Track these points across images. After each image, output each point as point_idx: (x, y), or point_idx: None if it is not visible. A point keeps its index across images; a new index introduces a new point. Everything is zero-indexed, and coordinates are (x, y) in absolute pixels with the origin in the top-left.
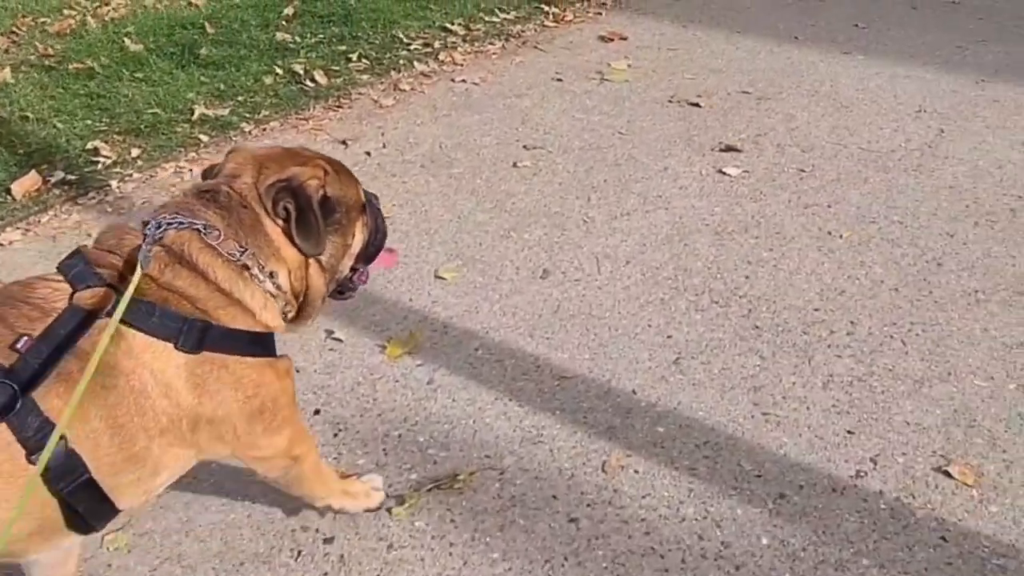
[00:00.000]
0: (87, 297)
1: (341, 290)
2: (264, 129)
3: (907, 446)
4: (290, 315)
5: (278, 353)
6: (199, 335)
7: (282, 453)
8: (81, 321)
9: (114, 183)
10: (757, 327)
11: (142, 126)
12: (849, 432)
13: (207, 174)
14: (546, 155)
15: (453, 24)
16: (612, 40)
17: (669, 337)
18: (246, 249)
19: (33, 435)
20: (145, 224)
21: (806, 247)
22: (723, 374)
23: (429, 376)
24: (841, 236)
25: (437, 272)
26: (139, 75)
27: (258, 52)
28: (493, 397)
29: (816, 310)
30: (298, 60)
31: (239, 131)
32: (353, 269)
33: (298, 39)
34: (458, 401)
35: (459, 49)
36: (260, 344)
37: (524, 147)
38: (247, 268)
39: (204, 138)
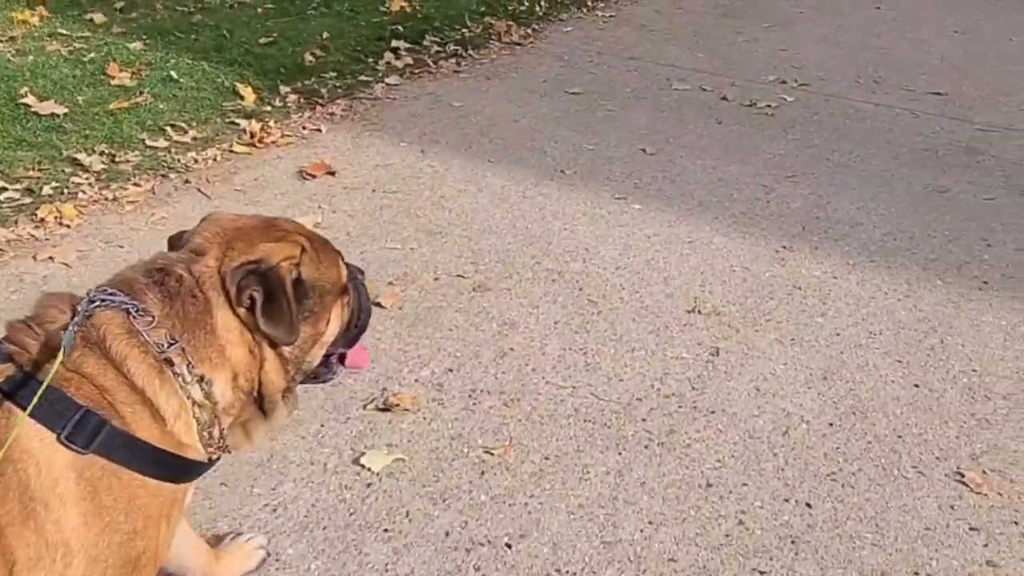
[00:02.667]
0: None
1: (316, 376)
2: None
3: None
4: (217, 435)
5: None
6: (92, 430)
7: None
8: None
9: None
10: None
11: None
12: None
13: (174, 242)
14: None
15: (92, 154)
16: (315, 176)
17: None
18: (175, 342)
19: None
20: (87, 293)
21: None
22: None
23: None
24: None
25: None
26: None
27: None
28: None
29: None
30: None
31: None
32: (329, 354)
33: None
34: None
35: (81, 196)
36: (164, 466)
37: None
38: (171, 364)
39: None
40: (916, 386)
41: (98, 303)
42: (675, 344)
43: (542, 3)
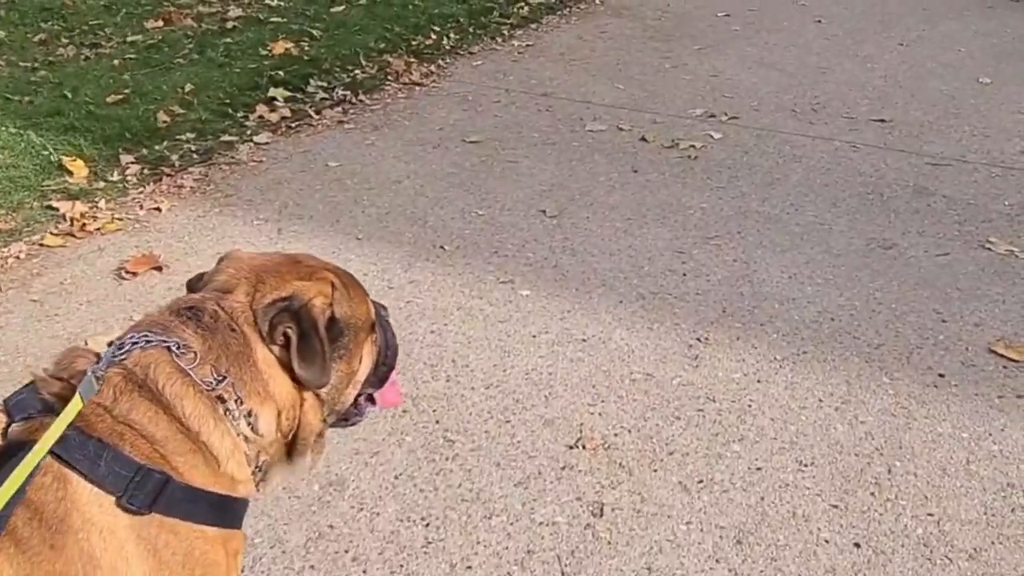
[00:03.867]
0: (21, 430)
1: (346, 417)
2: None
3: None
4: (264, 467)
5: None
6: (154, 490)
7: None
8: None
9: None
10: None
11: None
12: None
13: (193, 284)
14: None
15: None
16: (136, 274)
17: None
18: (224, 378)
19: None
20: (109, 344)
21: None
22: None
23: None
24: None
25: None
26: None
27: None
28: None
29: None
30: None
31: None
32: (359, 394)
33: None
34: None
35: None
36: (221, 512)
37: None
38: (222, 400)
39: None
40: (857, 546)
41: (130, 347)
42: (547, 500)
43: (451, 35)
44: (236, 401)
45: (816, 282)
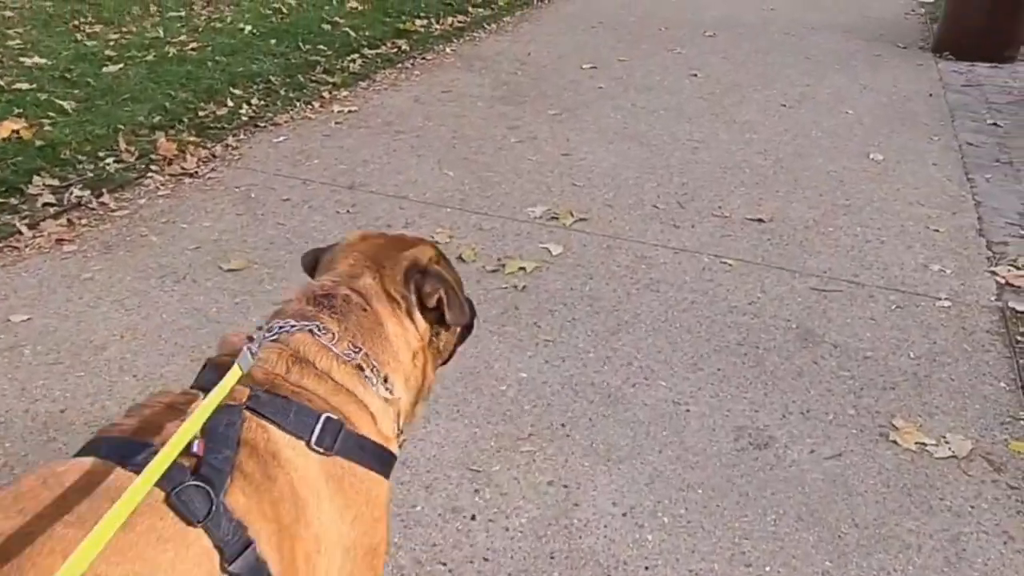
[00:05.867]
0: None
1: (445, 362)
2: None
3: None
4: (400, 428)
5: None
6: (334, 432)
7: None
8: (234, 416)
9: None
10: None
11: None
12: None
13: (308, 262)
14: None
15: None
16: None
17: None
18: (360, 349)
19: (230, 538)
20: (259, 329)
21: None
22: None
23: None
24: None
25: None
26: None
27: None
28: None
29: None
30: None
31: None
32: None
33: None
34: None
35: None
36: (382, 461)
37: None
38: (361, 369)
39: None
40: None
41: (278, 331)
42: None
43: (253, 102)
44: (373, 369)
45: (661, 522)
